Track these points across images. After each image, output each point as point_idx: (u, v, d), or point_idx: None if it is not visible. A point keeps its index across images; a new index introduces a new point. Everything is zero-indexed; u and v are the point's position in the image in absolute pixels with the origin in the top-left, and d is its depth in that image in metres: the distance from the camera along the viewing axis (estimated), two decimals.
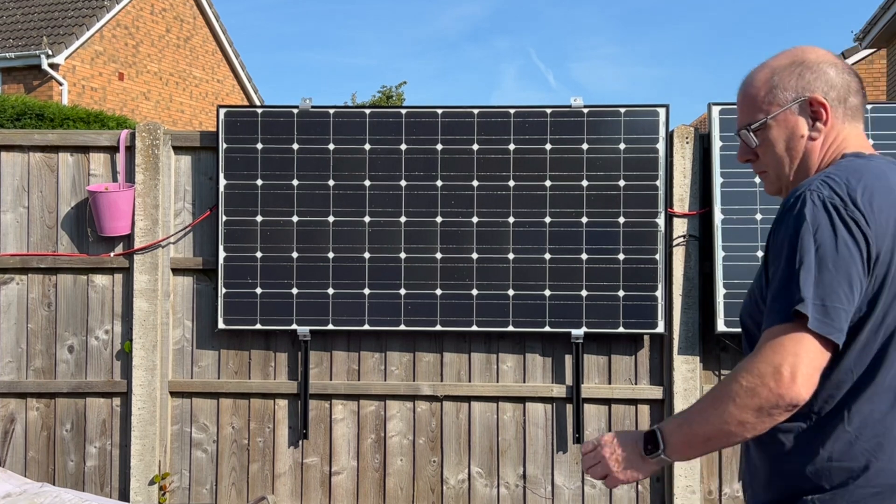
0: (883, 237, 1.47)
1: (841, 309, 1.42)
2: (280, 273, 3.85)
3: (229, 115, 3.92)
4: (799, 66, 1.67)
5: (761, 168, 1.73)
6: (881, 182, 1.54)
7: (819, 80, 1.65)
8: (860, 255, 1.44)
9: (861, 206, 1.47)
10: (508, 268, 3.80)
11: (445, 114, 3.87)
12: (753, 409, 1.42)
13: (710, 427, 1.47)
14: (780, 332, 1.42)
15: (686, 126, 3.92)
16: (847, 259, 1.43)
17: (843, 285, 1.42)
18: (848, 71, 1.68)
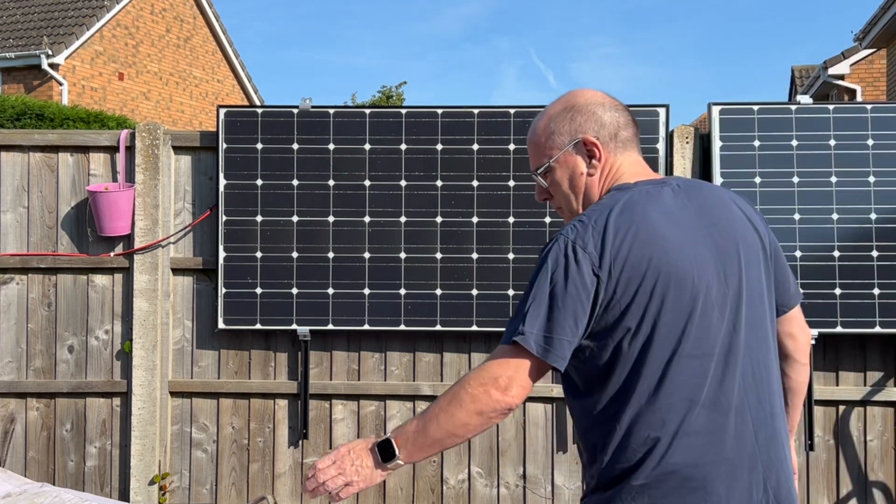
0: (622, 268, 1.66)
1: (565, 340, 1.64)
2: (280, 273, 3.85)
3: (229, 115, 3.92)
4: (570, 110, 1.85)
5: (557, 205, 1.95)
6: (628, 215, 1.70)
7: (589, 122, 1.83)
8: (587, 293, 1.65)
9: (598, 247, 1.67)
10: (508, 268, 3.80)
11: (445, 114, 3.87)
12: (476, 412, 1.64)
13: (442, 431, 1.66)
14: (506, 351, 1.66)
15: (686, 126, 3.92)
16: (575, 298, 1.65)
17: (569, 320, 1.65)
18: (615, 108, 1.85)
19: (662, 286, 1.67)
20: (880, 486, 3.83)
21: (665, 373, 1.66)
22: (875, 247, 3.70)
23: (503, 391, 1.63)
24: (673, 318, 1.67)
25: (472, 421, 1.65)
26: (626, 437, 1.67)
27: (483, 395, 1.64)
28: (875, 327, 3.67)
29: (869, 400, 3.82)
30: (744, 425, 1.68)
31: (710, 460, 1.65)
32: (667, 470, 1.64)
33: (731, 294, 1.72)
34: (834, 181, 3.75)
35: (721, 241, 1.73)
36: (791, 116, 3.79)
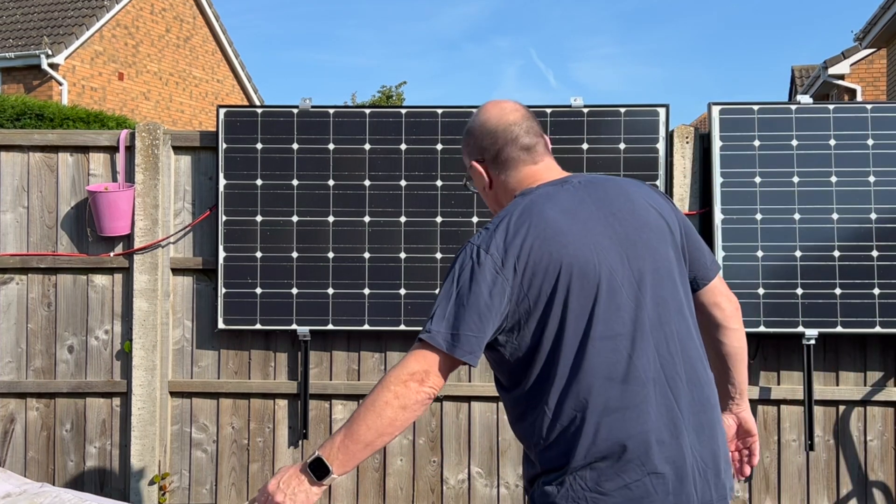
0: (525, 265, 1.79)
1: (471, 336, 1.77)
2: (280, 273, 3.85)
3: (229, 114, 3.92)
4: (466, 135, 2.04)
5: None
6: (527, 217, 1.83)
7: (475, 148, 2.01)
8: (489, 292, 1.77)
9: (500, 248, 1.80)
10: None
11: (445, 114, 3.87)
12: (401, 407, 1.75)
13: (372, 432, 1.75)
14: (419, 349, 1.78)
15: (686, 126, 3.92)
16: (478, 296, 1.77)
17: (474, 317, 1.76)
18: (500, 128, 1.97)
19: (566, 276, 1.78)
20: (880, 486, 3.83)
21: (580, 356, 1.78)
22: (875, 247, 3.70)
23: (421, 383, 1.75)
24: (580, 304, 1.78)
25: (399, 416, 1.75)
26: (554, 423, 1.78)
27: (404, 389, 1.75)
28: (875, 327, 3.67)
29: (869, 400, 3.82)
30: (664, 395, 1.79)
31: (638, 432, 1.75)
32: (600, 448, 1.75)
33: (636, 275, 1.83)
34: (834, 181, 3.75)
35: (622, 229, 1.85)
36: (791, 116, 3.79)
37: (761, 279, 3.70)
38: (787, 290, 3.70)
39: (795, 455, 3.85)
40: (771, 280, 3.70)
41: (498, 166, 1.99)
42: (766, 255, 3.71)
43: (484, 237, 1.83)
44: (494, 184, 2.01)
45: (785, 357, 3.84)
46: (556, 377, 1.78)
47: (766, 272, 3.70)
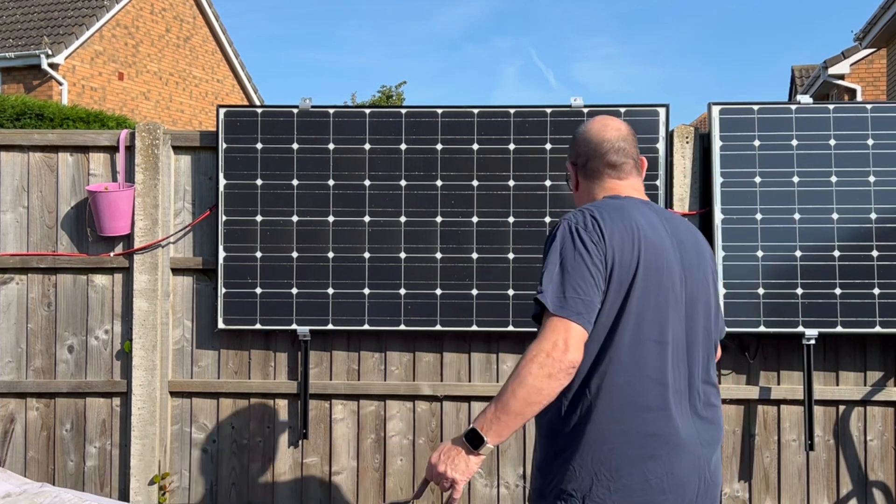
0: (614, 252, 2.02)
1: (577, 299, 1.97)
2: (280, 273, 3.85)
3: (229, 114, 3.92)
4: (572, 138, 2.34)
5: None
6: (618, 214, 2.08)
7: (573, 151, 2.31)
8: (592, 261, 2.00)
9: (597, 229, 2.03)
10: (508, 267, 3.80)
11: (445, 113, 3.87)
12: (546, 376, 1.93)
13: (520, 402, 1.98)
14: (548, 318, 1.97)
15: (686, 126, 3.92)
16: (581, 261, 1.99)
17: (579, 281, 1.98)
18: (602, 139, 2.25)
19: (641, 279, 2.03)
20: (880, 486, 3.83)
21: (633, 353, 2.02)
22: (875, 246, 3.70)
23: (563, 352, 1.93)
24: (642, 305, 2.02)
25: (545, 385, 1.94)
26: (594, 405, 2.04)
27: (547, 360, 1.93)
28: (875, 327, 3.67)
29: (869, 400, 3.82)
30: (689, 406, 2.08)
31: (665, 433, 2.03)
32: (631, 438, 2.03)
33: (689, 298, 2.11)
34: (834, 181, 3.75)
35: (686, 257, 2.13)
36: (791, 116, 3.79)
37: (761, 279, 3.70)
38: (787, 289, 3.70)
39: (795, 455, 3.85)
40: (771, 280, 3.70)
41: (585, 173, 2.27)
42: (766, 254, 3.71)
43: (581, 219, 2.06)
44: (580, 186, 2.30)
45: (785, 357, 3.84)
46: (607, 364, 2.02)
47: (766, 272, 3.70)
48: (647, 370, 2.03)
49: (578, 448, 2.06)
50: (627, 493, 2.02)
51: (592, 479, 2.04)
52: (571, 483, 2.06)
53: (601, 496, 2.02)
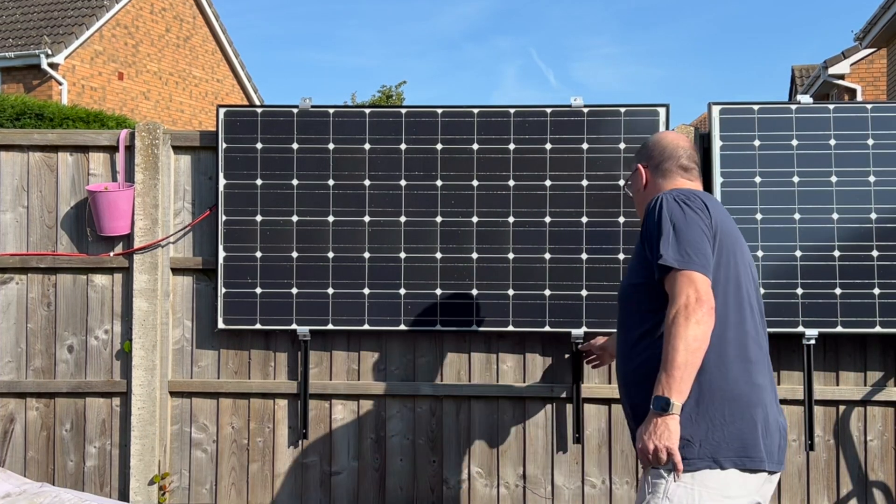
0: (716, 220, 2.36)
1: (695, 252, 2.27)
2: (280, 273, 3.85)
3: (229, 114, 3.92)
4: (641, 146, 2.74)
5: (630, 194, 2.80)
6: (707, 198, 2.44)
7: (644, 155, 2.70)
8: (701, 223, 2.32)
9: (699, 199, 2.39)
10: (508, 267, 3.79)
11: (445, 113, 3.87)
12: (694, 324, 2.20)
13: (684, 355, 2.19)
14: (674, 277, 2.27)
15: (686, 126, 3.92)
16: (694, 221, 2.31)
17: (694, 238, 2.29)
18: (675, 145, 2.65)
19: (737, 246, 2.42)
20: (880, 486, 3.83)
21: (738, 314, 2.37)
22: (875, 246, 3.70)
23: (697, 301, 2.21)
24: (738, 272, 2.38)
25: (697, 332, 2.20)
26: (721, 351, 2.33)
27: (688, 311, 2.20)
28: (875, 327, 3.67)
29: (869, 400, 3.82)
30: (768, 367, 2.42)
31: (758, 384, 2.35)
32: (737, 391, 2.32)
33: (753, 277, 2.47)
34: (834, 181, 3.74)
35: (742, 242, 2.50)
36: (791, 116, 3.79)
37: (761, 279, 3.69)
38: (787, 289, 3.69)
39: (795, 455, 3.85)
40: (771, 280, 3.69)
41: (657, 173, 2.62)
42: (766, 254, 3.71)
43: (677, 193, 2.40)
44: (649, 185, 2.63)
45: (785, 357, 3.83)
46: (718, 321, 2.29)
47: (766, 272, 3.70)
48: (747, 327, 2.36)
49: (693, 397, 2.27)
50: (740, 435, 2.28)
51: (708, 426, 2.28)
52: (687, 430, 2.26)
53: (716, 440, 2.27)
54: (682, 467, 2.23)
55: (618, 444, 3.89)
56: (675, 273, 2.26)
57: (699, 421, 2.27)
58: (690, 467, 2.26)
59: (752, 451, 2.28)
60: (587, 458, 3.89)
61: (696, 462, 2.26)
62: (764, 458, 2.30)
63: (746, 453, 2.28)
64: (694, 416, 2.27)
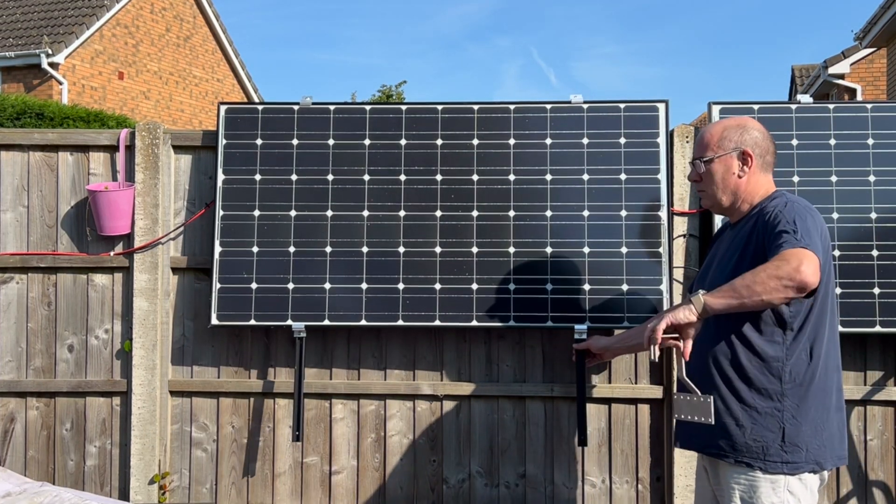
0: (825, 236, 2.51)
1: (820, 249, 2.40)
2: (276, 268, 3.83)
3: (230, 111, 3.92)
4: (741, 128, 2.66)
5: (702, 189, 2.73)
6: (815, 212, 2.54)
7: (751, 140, 2.65)
8: (820, 233, 2.46)
9: (817, 214, 2.52)
10: (509, 261, 3.78)
11: (445, 109, 3.87)
12: (776, 277, 2.31)
13: (744, 287, 2.35)
14: (798, 249, 2.34)
15: (686, 125, 3.91)
16: (815, 230, 2.43)
17: (818, 241, 2.42)
18: (770, 139, 2.69)
19: (830, 262, 2.52)
20: (880, 486, 3.83)
21: (832, 324, 2.55)
22: (875, 246, 3.70)
23: (799, 268, 2.31)
24: (832, 298, 2.56)
25: (773, 284, 2.32)
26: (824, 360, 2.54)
27: (786, 265, 2.32)
28: (875, 327, 3.66)
29: (869, 399, 3.82)
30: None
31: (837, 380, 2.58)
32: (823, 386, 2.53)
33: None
34: (834, 180, 3.74)
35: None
36: (791, 116, 3.78)
37: None
38: None
39: None
40: None
41: (762, 164, 2.66)
42: None
43: (806, 206, 2.52)
44: (751, 174, 2.64)
45: None
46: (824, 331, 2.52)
47: None
48: (836, 337, 2.59)
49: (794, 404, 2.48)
50: (831, 440, 2.50)
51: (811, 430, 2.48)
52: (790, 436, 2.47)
53: (817, 445, 2.48)
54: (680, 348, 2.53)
55: (618, 443, 3.89)
56: (806, 249, 2.36)
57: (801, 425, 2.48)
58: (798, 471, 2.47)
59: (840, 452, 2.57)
60: (587, 457, 3.89)
61: (802, 465, 2.47)
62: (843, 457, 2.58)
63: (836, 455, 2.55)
64: (796, 422, 2.48)
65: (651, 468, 3.87)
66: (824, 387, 2.51)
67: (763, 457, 2.45)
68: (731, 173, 2.64)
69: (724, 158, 2.64)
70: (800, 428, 2.45)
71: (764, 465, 2.44)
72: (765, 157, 2.66)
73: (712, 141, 2.67)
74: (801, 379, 2.48)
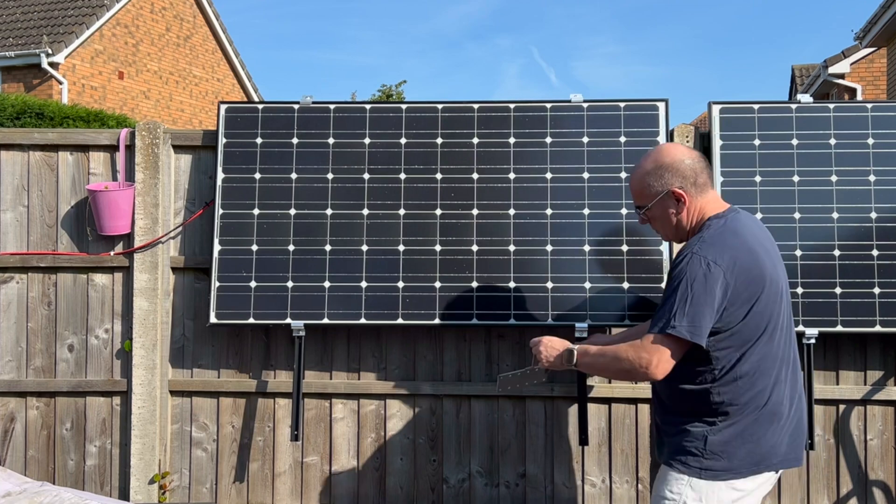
0: (739, 275, 2.45)
1: (703, 326, 2.42)
2: (276, 266, 3.83)
3: (230, 110, 3.91)
4: (660, 169, 2.63)
5: (655, 228, 2.75)
6: (737, 238, 2.51)
7: (675, 176, 2.61)
8: (717, 294, 2.42)
9: (721, 263, 2.44)
10: (509, 260, 3.78)
11: (445, 108, 3.87)
12: (626, 372, 2.53)
13: (601, 368, 2.64)
14: (657, 338, 2.46)
15: (686, 125, 3.91)
16: (710, 296, 2.42)
17: (707, 311, 2.42)
18: (695, 158, 2.64)
19: (767, 287, 2.48)
20: (880, 486, 3.83)
21: (769, 342, 2.51)
22: (875, 246, 3.70)
23: (646, 369, 2.46)
24: (767, 307, 2.48)
25: (624, 377, 2.59)
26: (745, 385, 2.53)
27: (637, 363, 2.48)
28: (875, 326, 3.66)
29: (869, 399, 3.82)
30: (789, 373, 2.59)
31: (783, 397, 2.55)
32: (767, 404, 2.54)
33: (784, 289, 2.58)
34: (834, 180, 3.74)
35: (774, 253, 2.60)
36: (791, 115, 3.78)
37: None
38: None
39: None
40: None
41: (695, 190, 2.62)
42: None
43: (710, 251, 2.46)
44: (689, 206, 2.62)
45: None
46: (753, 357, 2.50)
47: None
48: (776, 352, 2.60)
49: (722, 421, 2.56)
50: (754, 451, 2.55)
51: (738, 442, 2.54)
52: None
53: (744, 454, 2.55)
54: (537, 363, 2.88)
55: (618, 443, 3.89)
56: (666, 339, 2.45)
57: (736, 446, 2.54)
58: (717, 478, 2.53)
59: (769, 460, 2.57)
60: (587, 457, 3.89)
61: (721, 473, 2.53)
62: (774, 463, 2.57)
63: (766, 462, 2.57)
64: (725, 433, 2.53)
65: (651, 468, 3.87)
66: (756, 403, 2.51)
67: (684, 460, 2.54)
68: (668, 213, 2.65)
69: (656, 204, 2.65)
70: (724, 439, 2.50)
71: (686, 468, 2.54)
72: (696, 182, 2.61)
73: (640, 191, 2.69)
74: (731, 400, 2.50)
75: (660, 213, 2.66)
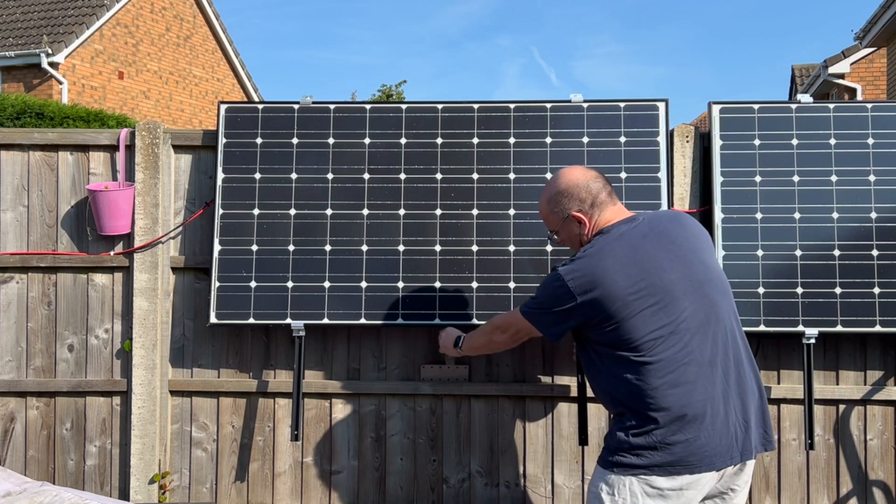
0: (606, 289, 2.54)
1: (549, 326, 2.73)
2: (276, 266, 3.83)
3: (230, 110, 3.91)
4: (558, 196, 2.79)
5: (567, 246, 2.89)
6: (608, 249, 2.60)
7: (572, 201, 2.76)
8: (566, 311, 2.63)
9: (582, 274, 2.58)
10: (509, 260, 3.78)
11: (446, 108, 3.87)
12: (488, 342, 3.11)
13: (475, 345, 3.20)
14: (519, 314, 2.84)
15: (686, 125, 3.91)
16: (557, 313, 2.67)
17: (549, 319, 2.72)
18: (591, 179, 2.76)
19: (652, 295, 2.52)
20: (880, 486, 3.83)
21: (658, 348, 2.51)
22: (875, 246, 3.70)
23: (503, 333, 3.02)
24: (657, 314, 2.52)
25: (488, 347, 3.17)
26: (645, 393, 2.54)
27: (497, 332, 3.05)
28: (875, 326, 3.66)
29: (869, 399, 3.82)
30: (720, 373, 2.55)
31: (697, 400, 2.50)
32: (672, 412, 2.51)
33: (695, 284, 2.56)
34: (834, 180, 3.74)
35: (679, 251, 2.60)
36: (791, 115, 3.78)
37: (761, 278, 3.69)
38: (787, 289, 3.69)
39: (795, 454, 3.85)
40: (771, 279, 3.69)
41: (596, 208, 2.72)
42: (766, 254, 3.71)
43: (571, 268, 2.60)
44: (590, 225, 2.73)
45: (785, 356, 3.83)
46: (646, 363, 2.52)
47: (767, 271, 3.70)
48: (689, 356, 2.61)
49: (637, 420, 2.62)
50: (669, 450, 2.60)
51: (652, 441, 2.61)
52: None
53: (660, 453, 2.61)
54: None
55: None
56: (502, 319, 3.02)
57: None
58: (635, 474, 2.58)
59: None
60: (587, 457, 3.89)
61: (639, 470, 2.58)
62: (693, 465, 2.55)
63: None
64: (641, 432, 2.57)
65: None
66: (663, 404, 2.50)
67: (603, 456, 2.64)
68: (575, 235, 2.78)
69: (561, 228, 2.81)
70: (633, 437, 2.55)
71: (602, 462, 2.64)
72: (595, 202, 2.73)
73: (546, 217, 2.86)
74: (634, 404, 2.55)
75: (567, 236, 2.82)
